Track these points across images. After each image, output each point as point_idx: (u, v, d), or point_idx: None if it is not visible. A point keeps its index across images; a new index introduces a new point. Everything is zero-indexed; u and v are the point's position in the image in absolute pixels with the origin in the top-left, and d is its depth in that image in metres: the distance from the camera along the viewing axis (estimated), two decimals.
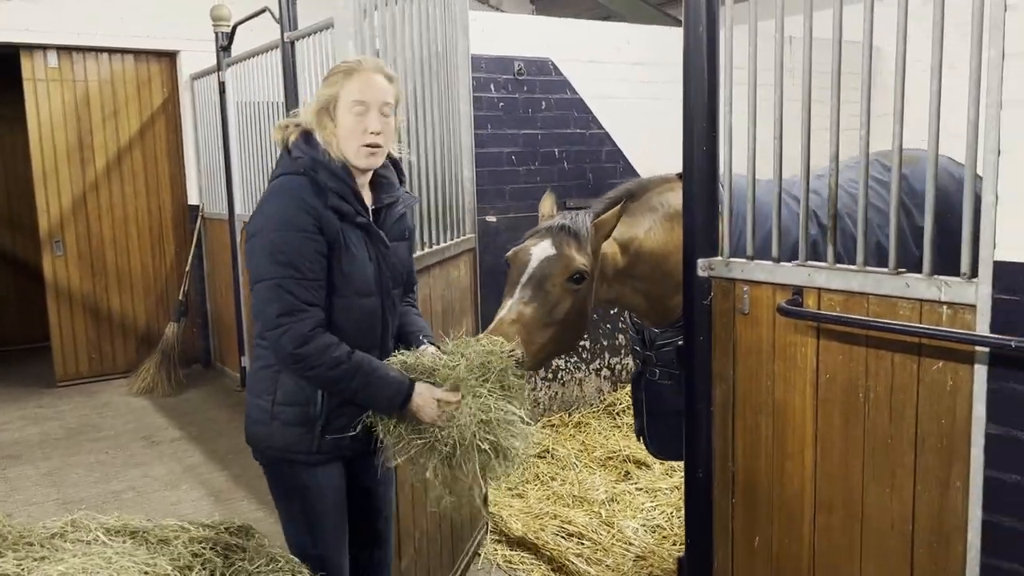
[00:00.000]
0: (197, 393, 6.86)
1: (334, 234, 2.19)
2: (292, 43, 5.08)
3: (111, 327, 7.40)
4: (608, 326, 5.77)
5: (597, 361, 5.78)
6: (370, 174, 2.33)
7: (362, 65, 2.25)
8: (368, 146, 2.21)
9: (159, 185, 7.55)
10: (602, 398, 5.81)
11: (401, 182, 2.46)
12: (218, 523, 1.85)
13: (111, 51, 7.17)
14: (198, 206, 7.51)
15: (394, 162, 2.43)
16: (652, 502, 4.35)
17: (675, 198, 3.06)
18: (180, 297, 7.31)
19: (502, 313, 2.77)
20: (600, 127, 5.53)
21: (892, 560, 2.23)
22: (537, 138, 5.31)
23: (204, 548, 1.69)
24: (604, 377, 5.82)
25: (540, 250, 2.86)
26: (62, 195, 7.11)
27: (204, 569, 1.62)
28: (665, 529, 4.03)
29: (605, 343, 5.79)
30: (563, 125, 5.40)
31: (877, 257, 2.60)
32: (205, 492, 4.65)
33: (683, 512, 4.18)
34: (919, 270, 2.11)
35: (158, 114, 7.47)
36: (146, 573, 1.49)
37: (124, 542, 1.63)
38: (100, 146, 7.23)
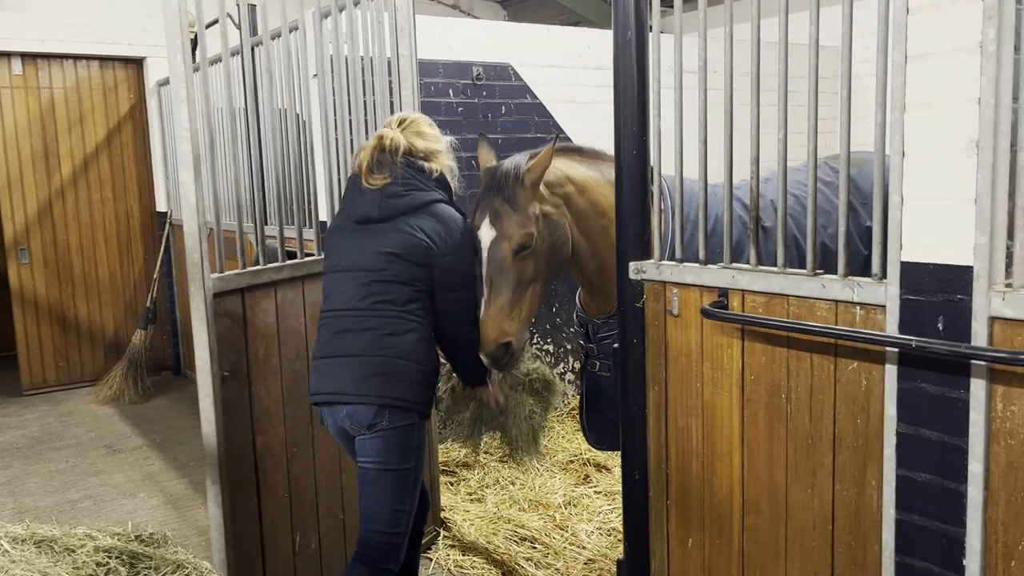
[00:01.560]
0: (164, 401, 6.82)
1: None
2: (252, 48, 5.08)
3: (78, 335, 7.36)
4: (572, 330, 5.77)
5: (561, 365, 5.78)
6: None
7: None
8: None
9: (126, 192, 7.52)
10: (566, 402, 5.81)
11: None
12: (129, 531, 1.85)
13: (76, 58, 7.14)
14: (166, 212, 7.48)
15: None
16: (610, 505, 4.35)
17: None
18: (148, 304, 7.27)
19: (482, 315, 2.93)
20: (561, 131, 5.54)
21: (814, 560, 2.25)
22: (497, 143, 5.31)
23: (109, 557, 1.69)
24: (568, 381, 5.83)
25: (486, 235, 2.97)
26: (27, 202, 7.07)
27: None
28: (620, 532, 4.03)
29: (569, 347, 5.80)
30: (523, 130, 5.41)
31: (822, 257, 2.60)
32: (163, 500, 4.62)
33: None
34: (862, 272, 2.13)
35: (125, 121, 7.45)
36: None
37: (28, 550, 1.63)
38: (66, 153, 7.20)
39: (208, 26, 6.19)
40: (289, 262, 3.31)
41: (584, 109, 5.63)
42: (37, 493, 4.78)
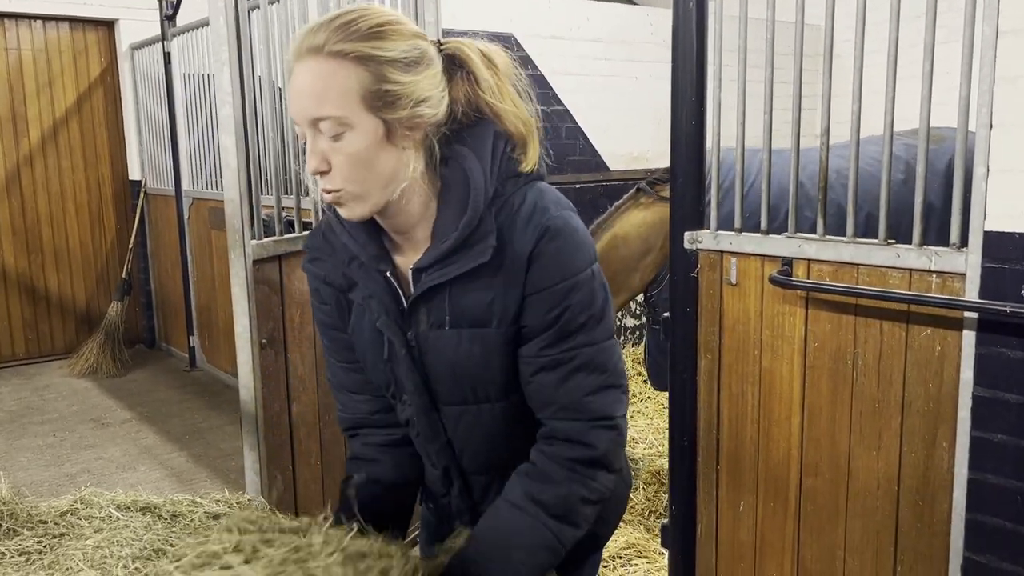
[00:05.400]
0: (143, 373, 6.67)
1: (336, 303, 1.50)
2: (249, 12, 4.93)
3: (48, 306, 7.12)
4: None
5: None
6: (405, 213, 1.35)
7: (294, 50, 1.28)
8: (325, 191, 1.31)
9: (98, 159, 7.27)
10: None
11: (466, 216, 1.31)
12: (229, 498, 1.82)
13: (45, 18, 6.84)
14: (140, 181, 7.26)
15: (465, 175, 1.33)
16: None
17: None
18: (123, 275, 7.08)
19: None
20: (560, 103, 5.55)
21: (878, 518, 2.33)
22: None
23: (220, 522, 1.66)
24: None
25: None
26: None
27: None
28: (632, 500, 4.11)
29: None
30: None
31: (866, 227, 2.65)
32: (166, 473, 4.54)
33: (645, 481, 4.28)
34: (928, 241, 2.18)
35: (95, 85, 7.18)
36: (172, 545, 1.46)
37: (138, 517, 1.59)
38: (34, 118, 6.92)
39: None
40: None
41: (583, 81, 5.63)
42: (30, 468, 4.65)
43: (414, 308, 1.38)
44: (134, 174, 7.32)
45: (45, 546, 1.40)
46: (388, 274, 1.38)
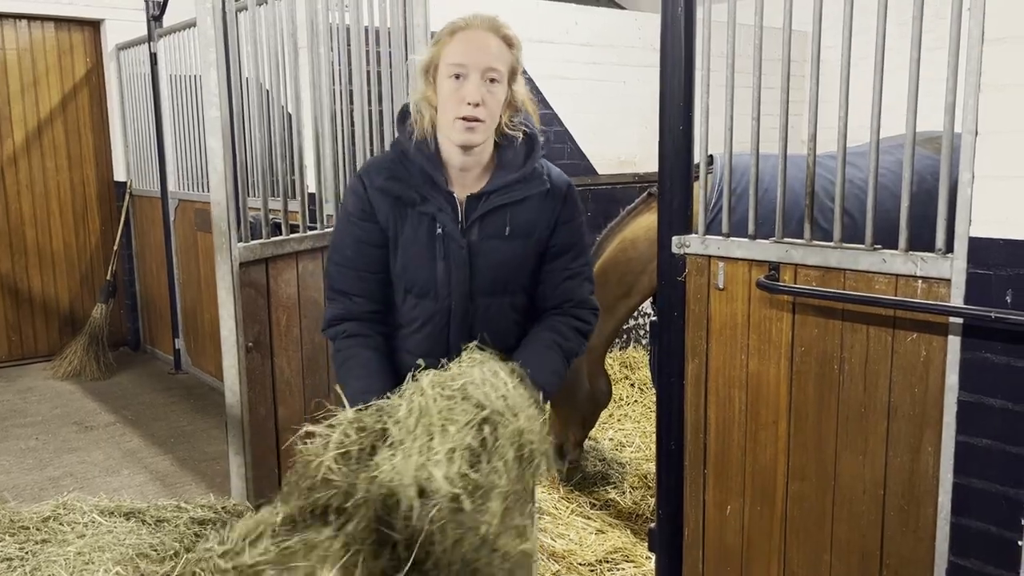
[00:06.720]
0: (128, 376, 6.62)
1: (386, 221, 2.00)
2: (237, 13, 4.91)
3: (32, 308, 7.06)
4: None
5: None
6: (483, 153, 1.98)
7: (470, 22, 1.92)
8: (464, 119, 1.87)
9: (82, 160, 7.21)
10: None
11: (530, 160, 2.01)
12: (214, 503, 1.81)
13: (30, 18, 6.79)
14: (125, 182, 7.21)
15: (529, 137, 2.04)
16: (604, 477, 4.43)
17: None
18: (108, 277, 7.02)
19: None
20: (548, 107, 5.55)
21: (863, 523, 2.34)
22: None
23: (205, 528, 1.65)
24: None
25: None
26: None
27: None
28: (620, 503, 4.11)
29: None
30: None
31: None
32: (149, 477, 4.51)
33: (632, 485, 4.29)
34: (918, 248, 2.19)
35: (81, 86, 7.12)
36: (155, 550, 1.45)
37: (121, 522, 1.58)
38: (19, 118, 6.86)
39: None
40: (310, 233, 3.25)
41: (571, 85, 5.64)
42: (12, 471, 4.60)
43: (472, 223, 1.99)
44: (119, 175, 7.26)
45: (27, 552, 1.39)
46: (454, 195, 1.99)
